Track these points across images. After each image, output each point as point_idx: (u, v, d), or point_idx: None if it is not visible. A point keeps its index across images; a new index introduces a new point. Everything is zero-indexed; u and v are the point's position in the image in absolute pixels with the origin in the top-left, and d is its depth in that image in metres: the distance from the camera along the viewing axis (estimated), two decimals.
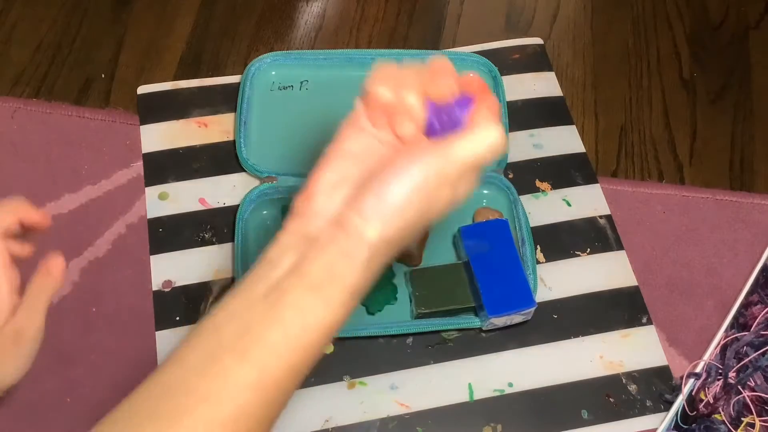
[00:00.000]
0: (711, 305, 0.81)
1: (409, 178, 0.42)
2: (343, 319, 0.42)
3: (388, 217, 0.42)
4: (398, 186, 0.42)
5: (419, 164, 0.42)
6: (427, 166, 0.42)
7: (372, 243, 0.42)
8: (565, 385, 0.75)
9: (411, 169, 0.42)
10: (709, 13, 1.04)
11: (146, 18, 1.00)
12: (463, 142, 0.43)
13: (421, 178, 0.42)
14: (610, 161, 0.91)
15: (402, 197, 0.42)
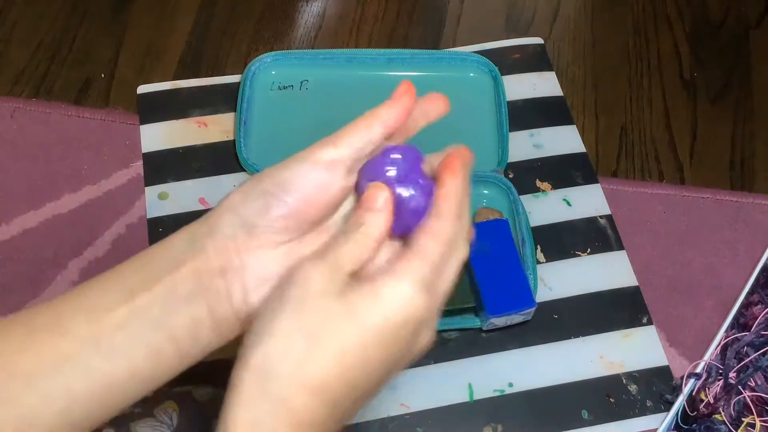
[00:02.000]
0: (711, 305, 0.81)
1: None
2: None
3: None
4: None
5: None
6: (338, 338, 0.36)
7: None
8: (565, 385, 0.75)
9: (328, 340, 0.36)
10: (709, 13, 1.04)
11: (146, 18, 1.00)
12: (371, 302, 0.37)
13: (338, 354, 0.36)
14: (610, 161, 0.91)
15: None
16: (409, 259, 0.38)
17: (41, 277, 0.79)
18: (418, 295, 0.37)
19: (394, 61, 0.91)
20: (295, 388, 0.35)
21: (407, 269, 0.37)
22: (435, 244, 0.38)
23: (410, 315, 0.37)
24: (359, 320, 0.36)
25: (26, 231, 0.82)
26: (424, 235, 0.39)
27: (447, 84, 0.91)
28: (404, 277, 0.37)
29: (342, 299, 0.36)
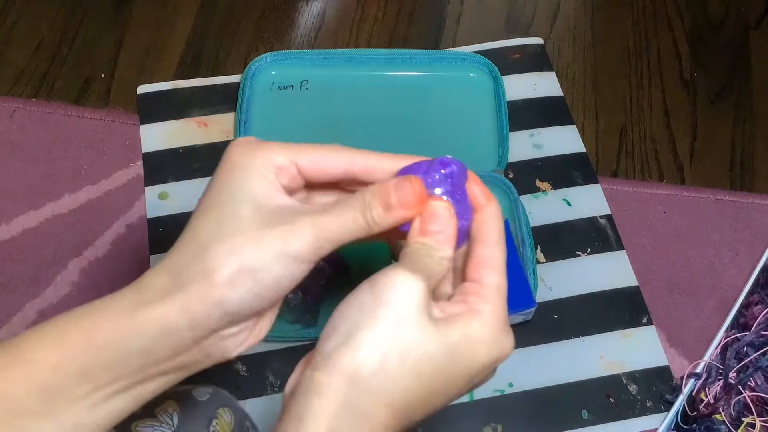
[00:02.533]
0: (711, 305, 0.81)
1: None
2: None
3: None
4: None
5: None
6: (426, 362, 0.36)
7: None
8: (565, 385, 0.75)
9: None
10: (709, 13, 1.04)
11: (146, 18, 1.00)
12: (466, 340, 0.37)
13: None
14: (610, 161, 0.91)
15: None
16: (495, 302, 0.38)
17: (41, 277, 0.79)
18: (506, 338, 0.38)
19: (394, 61, 0.91)
20: (381, 406, 0.35)
21: (495, 311, 0.38)
22: (502, 278, 0.39)
23: (497, 357, 0.38)
24: (452, 351, 0.36)
25: (26, 231, 0.82)
26: (493, 271, 0.39)
27: (447, 84, 0.91)
28: (495, 320, 0.38)
29: (437, 324, 0.36)
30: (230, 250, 0.37)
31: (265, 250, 0.37)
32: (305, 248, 0.37)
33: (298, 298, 0.74)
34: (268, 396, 0.73)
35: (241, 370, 0.75)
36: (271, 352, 0.75)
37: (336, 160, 0.40)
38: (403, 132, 0.87)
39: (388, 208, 0.38)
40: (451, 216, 0.39)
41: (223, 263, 0.37)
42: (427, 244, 0.38)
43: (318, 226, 0.38)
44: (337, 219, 0.38)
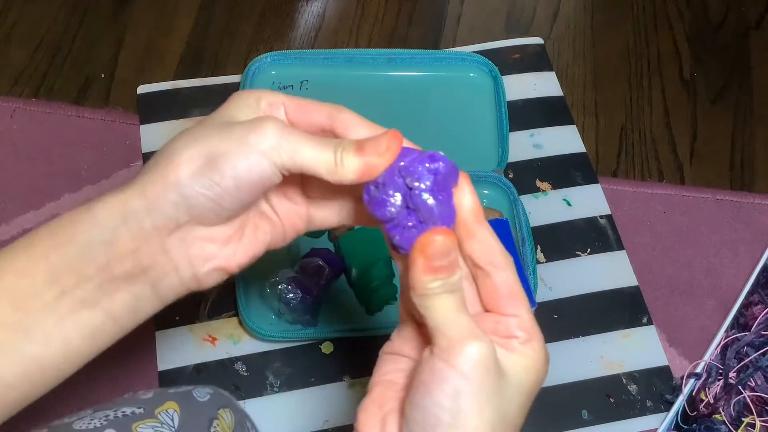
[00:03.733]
0: (711, 305, 0.81)
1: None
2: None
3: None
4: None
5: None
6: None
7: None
8: (565, 385, 0.75)
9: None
10: (709, 13, 1.04)
11: (146, 18, 1.00)
12: (525, 371, 0.39)
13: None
14: (610, 161, 0.91)
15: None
16: (532, 333, 0.39)
17: None
18: (547, 361, 0.40)
19: (394, 61, 0.91)
20: None
21: (541, 348, 0.39)
22: (527, 305, 0.41)
23: (543, 379, 0.40)
24: (523, 389, 0.39)
25: (26, 231, 0.82)
26: (517, 301, 0.40)
27: (447, 84, 0.91)
28: (541, 356, 0.39)
29: (507, 374, 0.38)
30: (193, 137, 0.38)
31: (228, 139, 0.37)
32: (267, 140, 0.37)
33: (298, 298, 0.74)
34: (267, 396, 0.73)
35: (241, 370, 0.75)
36: (271, 352, 0.75)
37: (322, 110, 0.41)
38: (403, 132, 0.86)
39: (361, 148, 0.38)
40: (453, 240, 0.37)
41: (183, 148, 0.37)
42: (441, 279, 0.36)
43: (284, 133, 0.38)
44: (307, 139, 0.38)
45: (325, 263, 0.76)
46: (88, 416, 0.49)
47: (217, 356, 0.75)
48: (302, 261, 0.76)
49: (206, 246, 0.39)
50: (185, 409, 0.51)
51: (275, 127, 0.38)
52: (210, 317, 0.77)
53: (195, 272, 0.40)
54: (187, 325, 0.76)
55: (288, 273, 0.75)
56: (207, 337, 0.76)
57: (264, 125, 0.38)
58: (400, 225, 0.37)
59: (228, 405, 0.55)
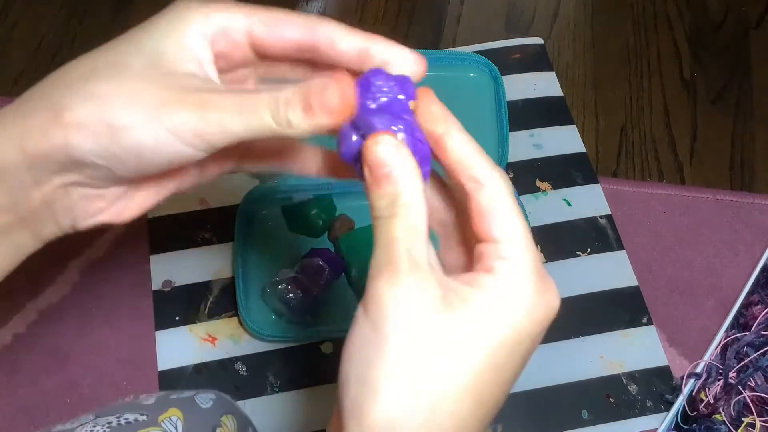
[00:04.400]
0: (711, 305, 0.81)
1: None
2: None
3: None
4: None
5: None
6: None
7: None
8: (565, 385, 0.75)
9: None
10: (709, 13, 1.04)
11: (146, 18, 1.00)
12: (499, 309, 0.30)
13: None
14: (610, 161, 0.91)
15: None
16: (517, 254, 0.31)
17: (41, 277, 0.79)
18: (548, 290, 0.32)
19: None
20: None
21: (523, 270, 0.31)
22: (515, 218, 0.32)
23: (543, 318, 0.32)
24: (488, 342, 0.30)
25: None
26: (497, 218, 0.31)
27: (447, 84, 0.91)
28: (524, 282, 0.31)
29: (454, 317, 0.30)
30: (91, 93, 0.31)
31: (135, 108, 0.30)
32: (185, 126, 0.30)
33: (298, 298, 0.74)
34: (268, 396, 0.73)
35: (241, 370, 0.75)
36: (271, 352, 0.75)
37: (296, 23, 0.33)
38: None
39: (308, 108, 0.31)
40: (398, 146, 0.31)
41: (77, 103, 0.31)
42: (386, 194, 0.31)
43: (209, 106, 0.31)
44: (236, 103, 0.31)
45: (325, 263, 0.76)
46: (90, 422, 0.48)
47: (217, 356, 0.75)
48: (302, 261, 0.76)
49: (92, 203, 0.34)
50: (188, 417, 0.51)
51: (198, 110, 0.31)
52: (210, 317, 0.77)
53: (75, 224, 0.35)
54: (187, 325, 0.77)
55: (288, 273, 0.75)
56: (207, 337, 0.76)
57: (183, 105, 0.31)
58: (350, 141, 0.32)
59: (231, 411, 0.55)
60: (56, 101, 0.31)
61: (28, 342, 0.75)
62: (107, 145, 0.31)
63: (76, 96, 0.31)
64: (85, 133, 0.31)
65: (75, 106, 0.30)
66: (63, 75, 0.32)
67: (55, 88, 0.32)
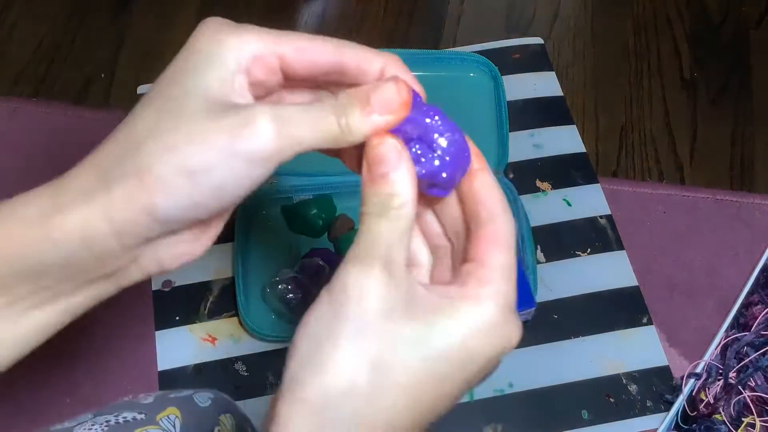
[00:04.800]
0: (711, 305, 0.81)
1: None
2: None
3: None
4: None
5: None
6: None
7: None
8: (565, 385, 0.75)
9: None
10: (709, 13, 1.04)
11: (146, 18, 1.00)
12: (453, 329, 0.31)
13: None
14: (610, 161, 0.91)
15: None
16: (497, 285, 0.32)
17: None
18: (511, 327, 0.32)
19: None
20: (360, 431, 0.30)
21: (497, 296, 0.32)
22: (508, 256, 0.33)
23: (500, 351, 0.32)
24: (437, 351, 0.30)
25: None
26: (497, 247, 0.33)
27: (447, 84, 0.91)
28: (496, 306, 0.31)
29: (413, 320, 0.31)
30: (166, 147, 0.31)
31: (210, 149, 0.30)
32: (262, 145, 0.31)
33: (298, 298, 0.74)
34: (268, 396, 0.73)
35: (241, 370, 0.75)
36: (271, 352, 0.75)
37: (325, 48, 0.34)
38: None
39: (365, 106, 0.32)
40: (400, 151, 0.32)
41: (156, 162, 0.30)
42: (378, 193, 0.32)
43: (280, 119, 0.31)
44: (306, 114, 0.31)
45: (325, 263, 0.76)
46: (88, 421, 0.48)
47: (217, 356, 0.75)
48: (302, 261, 0.76)
49: (175, 248, 0.35)
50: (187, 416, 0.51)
51: (270, 126, 0.31)
52: (210, 317, 0.77)
53: (161, 269, 0.36)
54: (187, 325, 0.77)
55: (288, 273, 0.75)
56: (207, 337, 0.76)
57: (256, 125, 0.31)
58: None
59: (229, 410, 0.55)
60: (136, 162, 0.31)
61: None
62: (191, 194, 0.31)
63: (153, 153, 0.31)
64: (169, 190, 0.31)
65: (155, 165, 0.30)
66: (133, 131, 0.32)
67: (130, 147, 0.31)
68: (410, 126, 0.33)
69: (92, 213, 0.31)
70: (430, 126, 0.33)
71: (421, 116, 0.33)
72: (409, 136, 0.33)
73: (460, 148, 0.34)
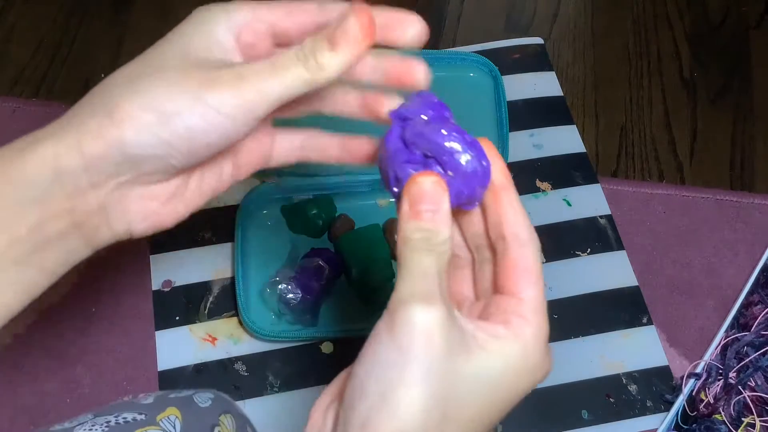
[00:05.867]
0: (711, 305, 0.81)
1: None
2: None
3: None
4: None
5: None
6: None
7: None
8: (565, 385, 0.75)
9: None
10: (709, 13, 1.04)
11: (146, 18, 1.00)
12: (504, 365, 0.33)
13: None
14: (610, 161, 0.91)
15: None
16: (538, 323, 0.34)
17: None
18: (548, 361, 0.34)
19: None
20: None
21: (539, 334, 0.34)
22: (540, 288, 0.35)
23: (539, 381, 0.35)
24: (493, 387, 0.33)
25: None
26: (531, 281, 0.35)
27: (447, 84, 0.91)
28: (538, 344, 0.34)
29: (469, 355, 0.32)
30: (137, 90, 0.33)
31: (178, 93, 0.33)
32: (227, 98, 0.33)
33: (297, 298, 0.74)
34: (268, 396, 0.73)
35: (241, 370, 0.75)
36: (270, 352, 0.75)
37: (310, 8, 0.37)
38: None
39: (333, 42, 0.34)
40: (444, 189, 0.34)
41: (126, 101, 0.33)
42: (423, 229, 0.33)
43: (242, 74, 0.33)
44: (268, 66, 0.33)
45: (325, 263, 0.76)
46: (88, 422, 0.48)
47: (217, 356, 0.75)
48: (302, 261, 0.76)
49: (146, 204, 0.36)
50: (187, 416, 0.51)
51: (235, 81, 0.33)
52: (210, 317, 0.77)
53: (129, 228, 0.37)
54: (187, 325, 0.77)
55: (288, 273, 0.75)
56: (207, 337, 0.76)
57: (221, 81, 0.33)
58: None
59: (229, 410, 0.55)
60: (107, 102, 0.33)
61: (28, 342, 0.75)
62: (159, 132, 0.33)
63: (125, 94, 0.33)
64: (138, 126, 0.33)
65: (124, 103, 0.33)
66: (110, 81, 0.35)
67: (104, 92, 0.34)
68: (429, 145, 0.34)
69: (64, 146, 0.33)
70: (449, 149, 0.34)
71: (440, 139, 0.34)
72: (426, 153, 0.35)
73: (480, 164, 0.34)
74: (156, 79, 0.33)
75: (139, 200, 0.36)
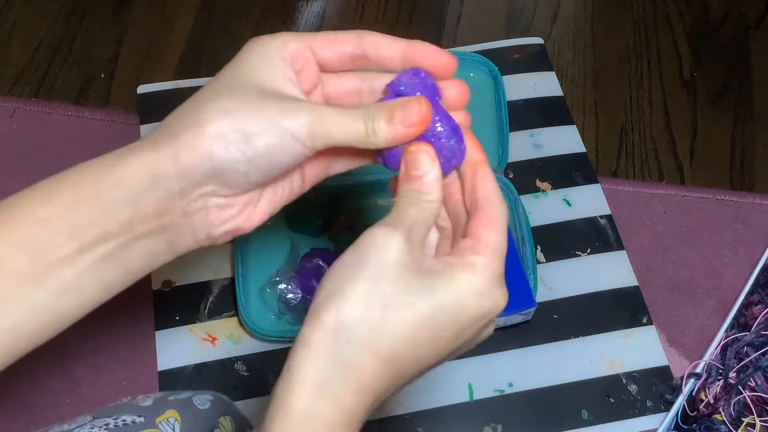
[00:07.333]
0: (711, 305, 0.81)
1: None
2: None
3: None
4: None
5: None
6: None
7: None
8: (565, 385, 0.75)
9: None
10: (709, 13, 1.04)
11: (146, 18, 1.00)
12: (450, 288, 0.37)
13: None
14: (610, 161, 0.91)
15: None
16: (488, 256, 0.38)
17: None
18: (498, 292, 0.38)
19: None
20: (366, 354, 0.35)
21: (488, 264, 0.37)
22: (501, 236, 0.39)
23: (488, 310, 0.38)
24: (437, 301, 0.36)
25: None
26: (492, 228, 0.39)
27: None
28: (486, 272, 0.37)
29: (420, 276, 0.37)
30: (224, 109, 0.38)
31: (260, 118, 0.38)
32: (300, 127, 0.38)
33: (298, 298, 0.74)
34: (268, 396, 0.73)
35: (241, 370, 0.75)
36: (271, 352, 0.75)
37: (348, 39, 0.41)
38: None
39: (391, 119, 0.39)
40: (434, 159, 0.39)
41: (215, 118, 0.37)
42: (413, 189, 0.39)
43: (317, 112, 0.38)
44: (338, 114, 0.39)
45: (325, 263, 0.76)
46: (87, 423, 0.48)
47: (217, 356, 0.75)
48: (302, 261, 0.76)
49: (226, 211, 0.40)
50: (186, 418, 0.51)
51: (309, 116, 0.38)
52: (210, 317, 0.77)
53: (210, 233, 0.41)
54: (187, 325, 0.77)
55: (288, 273, 0.75)
56: (207, 337, 0.76)
57: (298, 113, 0.38)
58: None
59: (228, 412, 0.55)
60: (198, 119, 0.37)
61: None
62: (244, 149, 0.37)
63: (213, 113, 0.37)
64: (225, 142, 0.37)
65: (214, 121, 0.37)
66: (197, 99, 0.39)
67: (193, 110, 0.38)
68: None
69: (161, 155, 0.37)
70: (435, 132, 0.40)
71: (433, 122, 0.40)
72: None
73: (459, 147, 0.41)
74: (240, 103, 0.38)
75: (218, 208, 0.40)
